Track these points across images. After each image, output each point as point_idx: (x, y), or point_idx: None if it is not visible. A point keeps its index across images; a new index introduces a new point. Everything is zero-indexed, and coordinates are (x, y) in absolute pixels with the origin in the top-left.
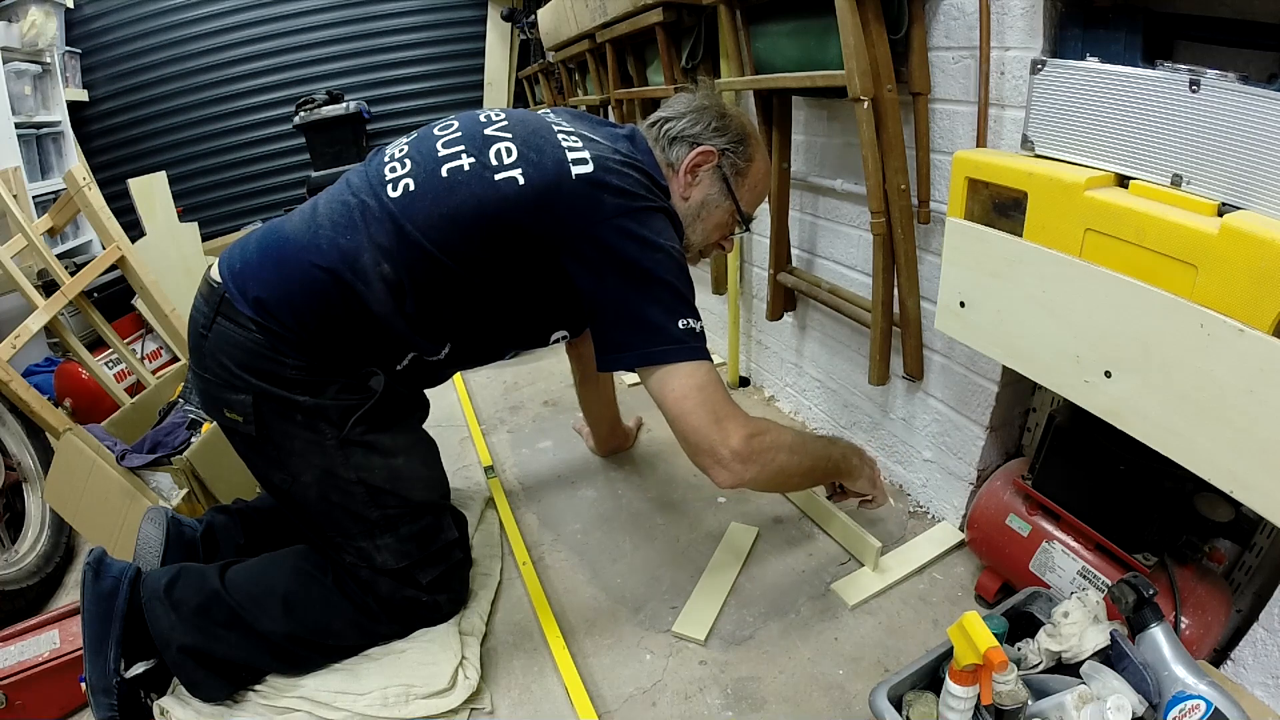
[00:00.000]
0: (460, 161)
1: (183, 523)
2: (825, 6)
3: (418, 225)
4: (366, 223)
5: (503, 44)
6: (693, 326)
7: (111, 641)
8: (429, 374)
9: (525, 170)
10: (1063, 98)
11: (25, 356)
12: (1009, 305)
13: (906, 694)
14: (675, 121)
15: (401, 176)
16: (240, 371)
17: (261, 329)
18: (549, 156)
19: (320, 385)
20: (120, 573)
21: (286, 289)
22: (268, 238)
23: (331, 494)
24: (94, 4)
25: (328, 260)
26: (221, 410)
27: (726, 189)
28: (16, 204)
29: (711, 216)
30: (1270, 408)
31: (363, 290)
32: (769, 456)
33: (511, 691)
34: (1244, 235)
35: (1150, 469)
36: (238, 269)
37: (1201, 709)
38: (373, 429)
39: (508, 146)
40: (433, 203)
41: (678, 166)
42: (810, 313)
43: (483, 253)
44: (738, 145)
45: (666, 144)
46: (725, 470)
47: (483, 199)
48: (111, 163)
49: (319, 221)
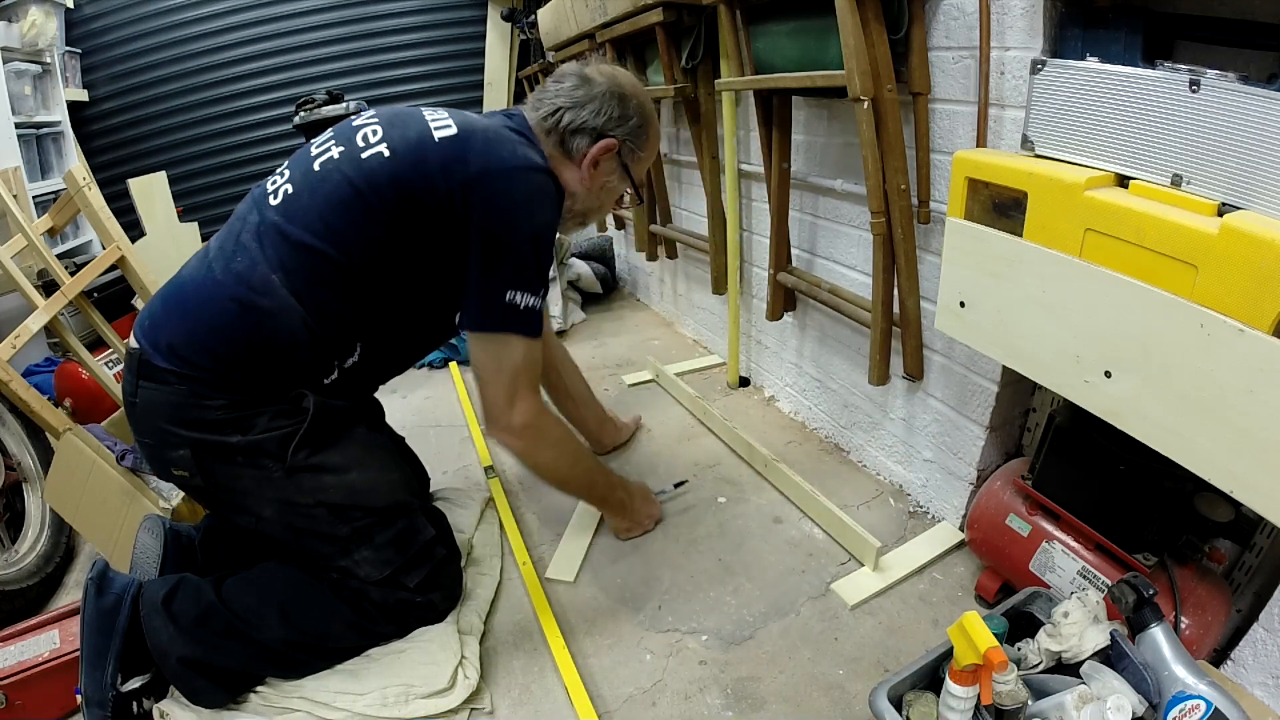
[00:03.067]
0: (330, 153)
1: (180, 531)
2: (825, 6)
3: (298, 223)
4: (255, 240)
5: (503, 44)
6: (529, 302)
7: (111, 657)
8: (361, 382)
9: (390, 144)
10: (1063, 98)
11: (25, 356)
12: (1009, 305)
13: (906, 694)
14: (575, 111)
15: (280, 185)
16: (172, 427)
17: (180, 378)
18: (413, 129)
19: (248, 420)
20: (123, 589)
21: (194, 329)
22: (169, 289)
23: (296, 521)
24: (94, 4)
25: (225, 287)
26: (169, 470)
27: (625, 173)
28: (16, 204)
29: (611, 194)
30: (1270, 408)
31: (265, 306)
32: (538, 445)
33: (511, 691)
34: (1244, 235)
35: (1150, 469)
36: (146, 325)
37: (1201, 709)
38: (316, 450)
39: (374, 129)
40: (309, 196)
41: (577, 157)
42: (810, 313)
43: (364, 233)
44: (639, 131)
45: (566, 135)
46: (500, 434)
47: (353, 177)
48: (111, 163)
49: (211, 257)
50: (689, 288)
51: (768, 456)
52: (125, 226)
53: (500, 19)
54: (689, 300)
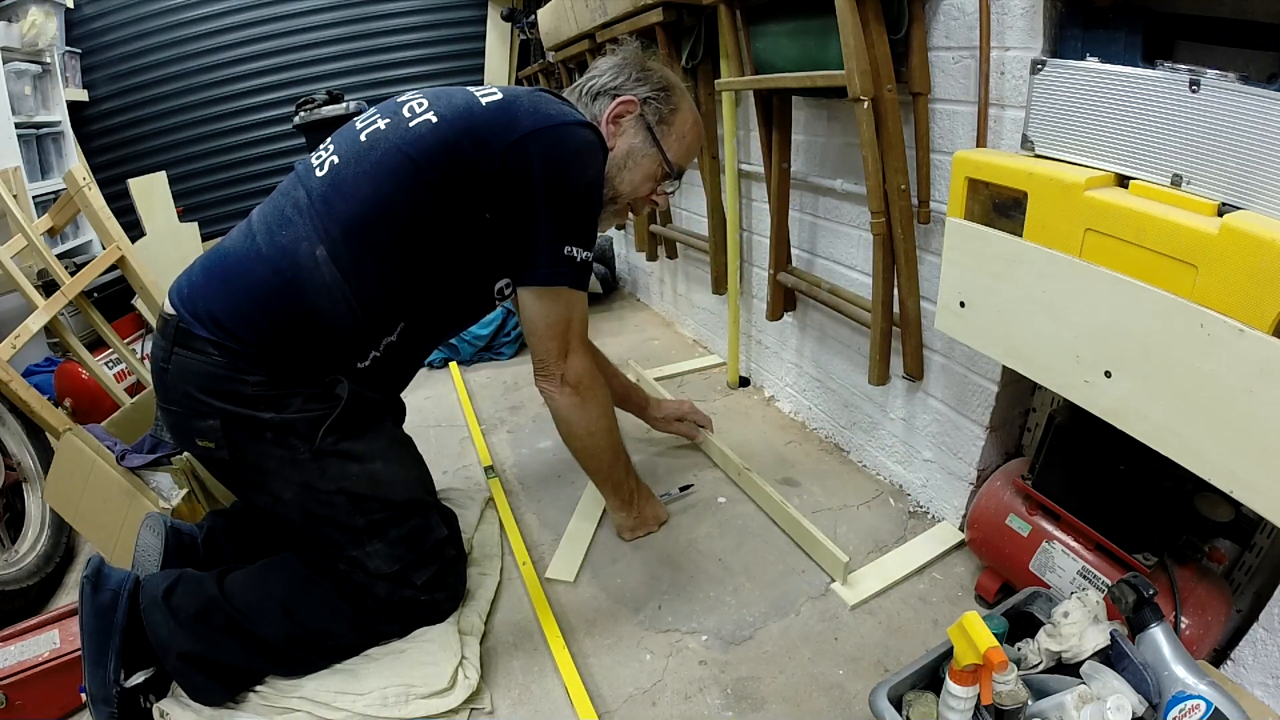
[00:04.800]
0: (377, 125)
1: (181, 529)
2: (825, 6)
3: (346, 192)
4: (300, 214)
5: (503, 44)
6: (584, 255)
7: (111, 653)
8: (393, 371)
9: (437, 110)
10: (1063, 98)
11: (25, 356)
12: (1009, 305)
13: (906, 694)
14: (596, 78)
15: (326, 159)
16: (204, 397)
17: (219, 348)
18: (459, 97)
19: (283, 399)
20: (119, 584)
21: (236, 301)
22: (210, 257)
23: (314, 507)
24: (94, 4)
25: (269, 260)
26: (193, 440)
27: (651, 138)
28: (16, 204)
29: (640, 166)
30: (1270, 408)
31: (307, 281)
32: (590, 399)
33: (511, 691)
34: (1244, 235)
35: (1150, 469)
36: (186, 294)
37: (1201, 709)
38: (345, 437)
39: (419, 101)
40: (358, 164)
41: (601, 119)
42: (810, 313)
43: (416, 197)
44: (660, 93)
45: (590, 100)
46: (555, 386)
47: (402, 145)
48: (111, 163)
49: (254, 229)
50: (689, 288)
51: (740, 465)
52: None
53: (500, 19)
54: (689, 300)
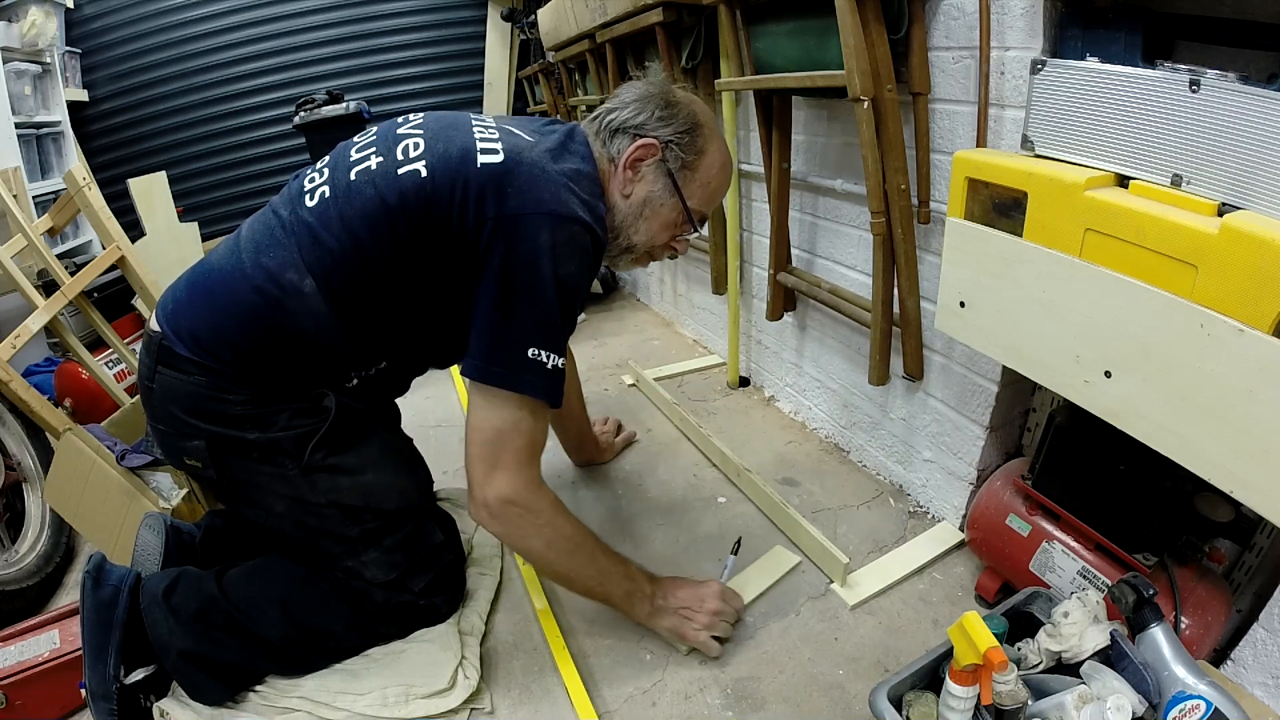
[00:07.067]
0: (369, 163)
1: (181, 528)
2: (825, 6)
3: (331, 231)
4: (288, 237)
5: (503, 44)
6: (541, 360)
7: (111, 649)
8: (385, 389)
9: (429, 161)
10: (1063, 98)
11: (25, 356)
12: (1009, 305)
13: (906, 694)
14: (618, 112)
15: (318, 186)
16: (188, 418)
17: (201, 369)
18: (456, 145)
19: (268, 417)
20: (119, 580)
21: (219, 320)
22: (195, 273)
23: (307, 520)
24: (94, 4)
25: (254, 281)
26: (181, 458)
27: (672, 185)
28: (16, 204)
29: (657, 215)
30: (1270, 408)
31: (292, 307)
32: (519, 531)
33: (511, 691)
34: (1244, 235)
35: (1150, 469)
36: (170, 310)
37: (1201, 709)
38: (334, 451)
39: (416, 141)
40: (343, 205)
41: (618, 161)
42: (810, 313)
43: (392, 250)
44: (684, 136)
45: (608, 136)
46: (476, 509)
47: (384, 194)
48: (111, 163)
49: (242, 246)
50: (689, 288)
51: (739, 465)
52: (125, 226)
53: (500, 19)
54: (689, 300)
